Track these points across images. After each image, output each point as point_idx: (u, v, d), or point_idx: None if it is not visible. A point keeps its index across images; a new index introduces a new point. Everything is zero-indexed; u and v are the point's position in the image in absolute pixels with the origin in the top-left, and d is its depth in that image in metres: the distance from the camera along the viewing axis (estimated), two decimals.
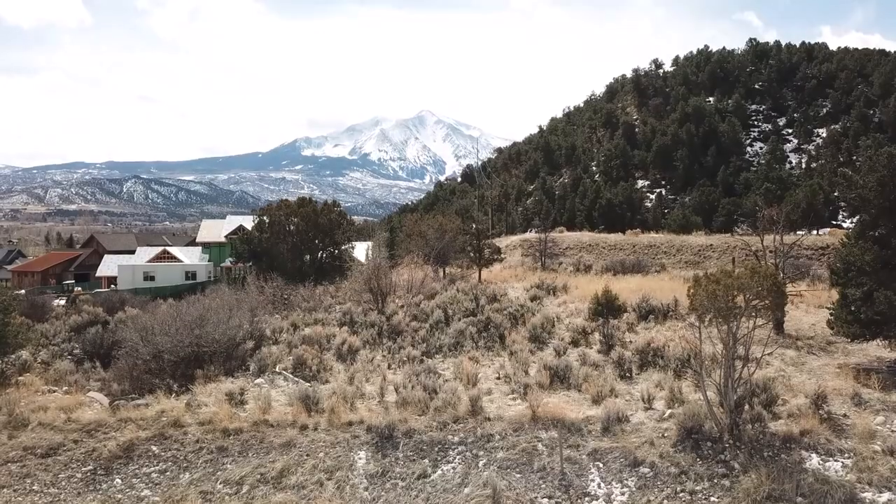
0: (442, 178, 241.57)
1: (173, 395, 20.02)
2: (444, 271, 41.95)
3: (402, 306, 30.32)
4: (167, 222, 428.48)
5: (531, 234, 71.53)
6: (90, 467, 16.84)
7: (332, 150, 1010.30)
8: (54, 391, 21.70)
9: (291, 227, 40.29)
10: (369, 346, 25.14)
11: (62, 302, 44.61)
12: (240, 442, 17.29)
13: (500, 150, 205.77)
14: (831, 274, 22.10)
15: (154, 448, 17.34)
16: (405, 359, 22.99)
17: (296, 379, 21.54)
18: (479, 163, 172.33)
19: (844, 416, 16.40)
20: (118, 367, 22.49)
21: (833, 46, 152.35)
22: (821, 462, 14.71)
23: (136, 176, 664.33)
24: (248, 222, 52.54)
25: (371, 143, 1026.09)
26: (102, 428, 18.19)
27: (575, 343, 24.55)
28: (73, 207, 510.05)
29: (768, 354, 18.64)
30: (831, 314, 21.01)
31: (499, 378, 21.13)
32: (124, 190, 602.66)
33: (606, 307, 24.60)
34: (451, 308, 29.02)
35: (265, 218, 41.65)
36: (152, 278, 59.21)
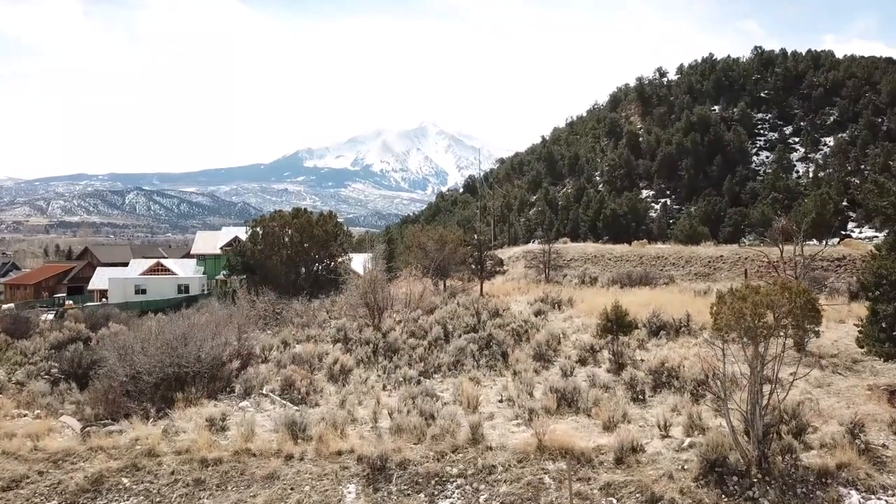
0: (444, 189, 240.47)
1: (150, 420, 18.60)
2: (445, 284, 40.49)
3: (400, 321, 28.88)
4: (169, 234, 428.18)
5: (534, 246, 70.06)
6: (54, 502, 15.36)
7: (335, 161, 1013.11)
8: (25, 415, 20.21)
9: (286, 239, 38.84)
10: (363, 364, 23.66)
11: (50, 316, 43.21)
12: (219, 474, 15.78)
13: (502, 161, 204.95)
14: (861, 288, 20.55)
15: (125, 480, 15.83)
16: (401, 379, 21.49)
17: (283, 402, 20.07)
18: (482, 173, 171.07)
19: (884, 446, 14.88)
20: (94, 389, 21.01)
21: (839, 54, 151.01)
22: (861, 500, 13.19)
23: (138, 188, 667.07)
24: (244, 234, 51.14)
25: (373, 154, 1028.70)
26: (71, 457, 16.70)
27: (582, 361, 23.10)
28: (75, 219, 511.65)
29: (790, 374, 17.18)
30: (860, 331, 19.47)
31: (501, 401, 19.63)
32: (126, 202, 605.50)
33: (616, 323, 23.10)
34: (450, 324, 27.58)
35: (259, 229, 40.21)
36: (144, 291, 57.65)
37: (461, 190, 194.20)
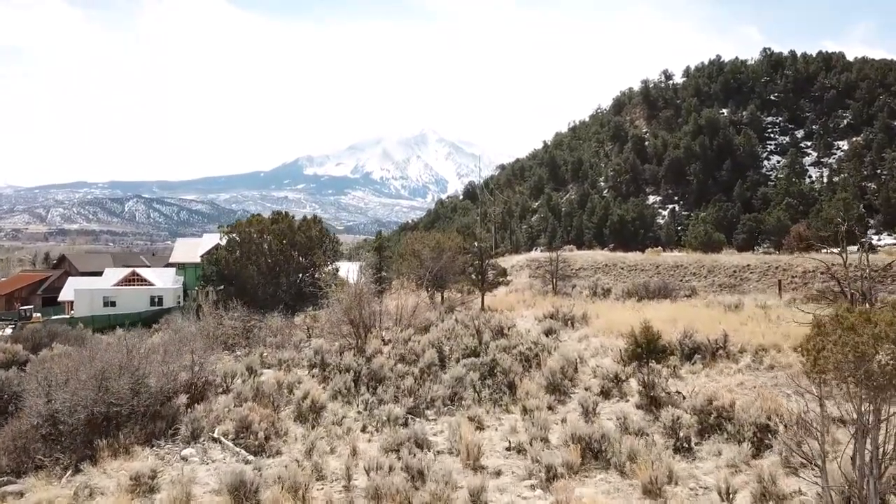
0: (444, 197, 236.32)
1: (65, 475, 14.65)
2: (442, 296, 36.51)
3: (389, 342, 24.88)
4: (168, 241, 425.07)
5: (539, 254, 66.29)
6: None
7: (335, 168, 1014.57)
8: None
9: (265, 246, 34.68)
10: (341, 398, 19.58)
11: (9, 331, 39.21)
12: None
13: (502, 167, 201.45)
14: None
15: None
16: (385, 419, 17.41)
17: (236, 449, 16.04)
18: (481, 180, 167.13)
19: None
20: (3, 433, 16.99)
21: (850, 56, 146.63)
22: None
23: (137, 195, 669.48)
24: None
25: (373, 161, 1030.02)
26: None
27: (606, 394, 19.05)
28: (74, 227, 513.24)
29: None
30: None
31: (510, 449, 15.61)
32: (126, 209, 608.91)
33: (646, 348, 19.06)
34: (447, 345, 23.57)
35: (235, 235, 36.05)
36: (113, 304, 53.39)
37: (461, 197, 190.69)
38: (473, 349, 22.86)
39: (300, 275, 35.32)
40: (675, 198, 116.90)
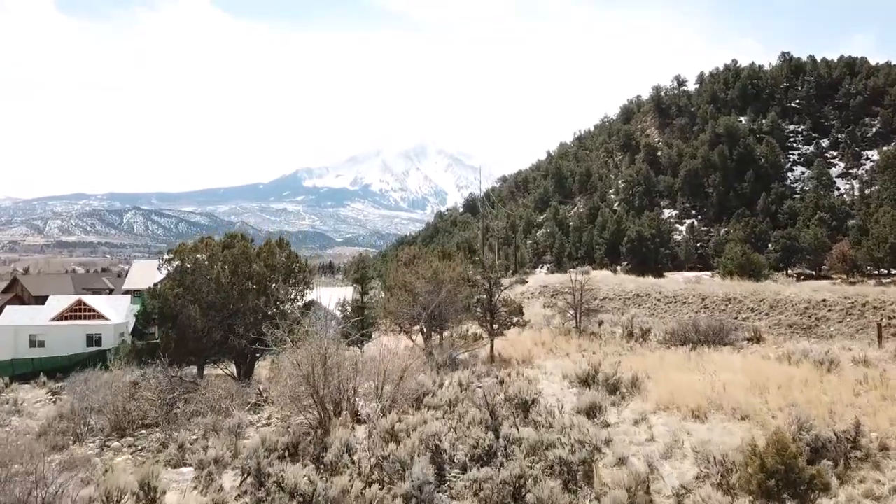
0: (443, 209, 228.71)
1: None
2: (441, 338, 29.02)
3: (364, 421, 17.43)
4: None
5: (551, 276, 59.11)
6: None
7: (334, 180, 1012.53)
8: None
9: (215, 278, 26.88)
10: None
11: None
12: None
13: (504, 179, 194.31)
14: None
15: None
16: None
17: None
18: (483, 191, 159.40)
19: None
20: None
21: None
22: None
23: (136, 207, 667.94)
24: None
25: (372, 173, 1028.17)
26: None
27: None
28: (72, 239, 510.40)
29: None
30: None
31: None
32: (124, 221, 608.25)
33: (784, 477, 11.49)
34: (447, 437, 15.99)
35: (180, 261, 28.09)
36: (42, 344, 44.39)
37: (461, 209, 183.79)
38: (488, 447, 15.31)
39: (258, 315, 27.32)
40: (693, 211, 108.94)
